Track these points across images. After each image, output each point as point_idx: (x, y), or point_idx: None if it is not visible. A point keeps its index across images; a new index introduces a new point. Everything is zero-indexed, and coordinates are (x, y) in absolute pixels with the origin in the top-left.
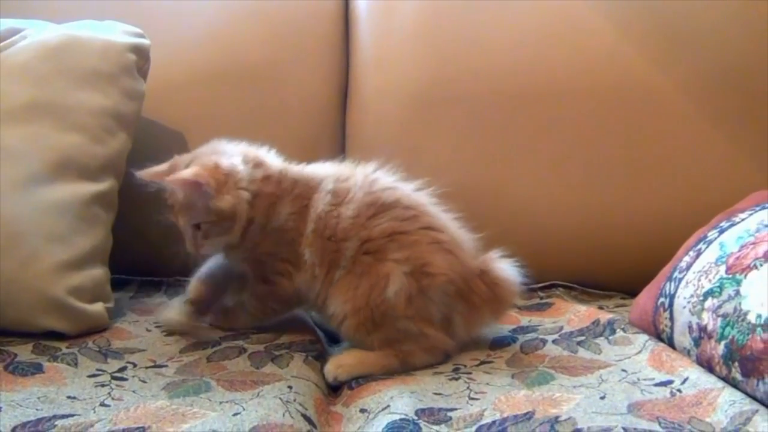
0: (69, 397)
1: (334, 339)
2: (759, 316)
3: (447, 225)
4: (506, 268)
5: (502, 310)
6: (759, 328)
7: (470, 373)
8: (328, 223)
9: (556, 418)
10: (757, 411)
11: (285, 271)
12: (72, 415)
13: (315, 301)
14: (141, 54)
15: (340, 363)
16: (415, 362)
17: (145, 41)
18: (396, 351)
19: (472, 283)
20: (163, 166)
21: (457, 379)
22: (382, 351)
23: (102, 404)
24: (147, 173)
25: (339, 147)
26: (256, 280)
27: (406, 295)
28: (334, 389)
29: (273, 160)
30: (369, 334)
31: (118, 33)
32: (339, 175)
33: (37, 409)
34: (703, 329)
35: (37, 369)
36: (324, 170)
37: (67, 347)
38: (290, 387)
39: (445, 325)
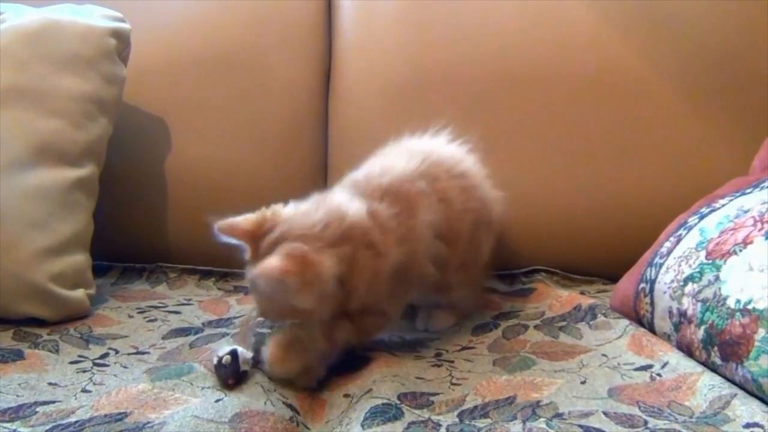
0: (50, 384)
1: None
2: (738, 301)
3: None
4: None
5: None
6: (738, 313)
7: (452, 361)
8: (442, 225)
9: (538, 402)
10: (735, 395)
11: (382, 313)
12: (53, 402)
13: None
14: (121, 38)
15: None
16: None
17: (126, 26)
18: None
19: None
20: (249, 220)
21: (439, 365)
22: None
23: (83, 390)
24: (228, 228)
25: (322, 133)
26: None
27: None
28: None
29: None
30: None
31: (98, 17)
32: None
33: (17, 396)
34: (683, 314)
35: (18, 356)
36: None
37: (48, 334)
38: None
39: (473, 250)
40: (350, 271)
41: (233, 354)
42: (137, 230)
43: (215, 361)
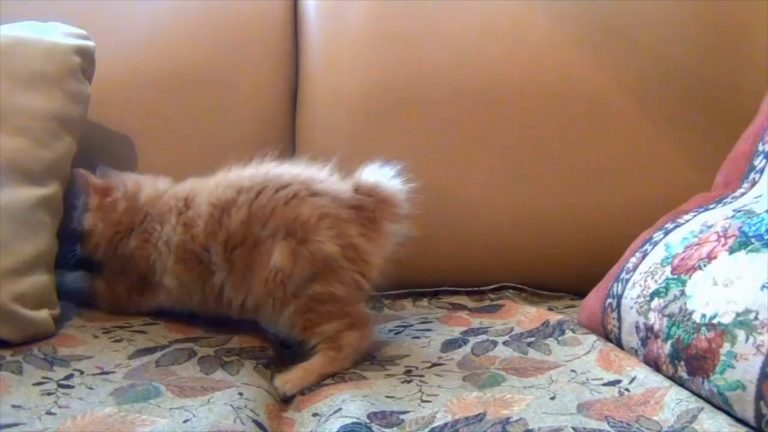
0: (14, 406)
1: (285, 343)
2: (704, 315)
3: (298, 174)
4: (373, 170)
5: (395, 212)
6: (703, 328)
7: (422, 376)
8: (187, 248)
9: (508, 419)
10: (702, 409)
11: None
12: (17, 425)
13: (216, 309)
14: (86, 56)
15: (287, 378)
16: (347, 342)
17: (90, 43)
18: (324, 341)
19: (353, 203)
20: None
21: (409, 381)
22: (319, 353)
23: (48, 413)
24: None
25: (289, 151)
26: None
27: (289, 253)
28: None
29: (155, 187)
30: (285, 309)
31: (62, 35)
32: (186, 202)
33: None
34: (649, 329)
35: None
36: (170, 197)
37: (12, 355)
38: (241, 393)
39: (352, 254)
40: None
41: None
42: None
43: None
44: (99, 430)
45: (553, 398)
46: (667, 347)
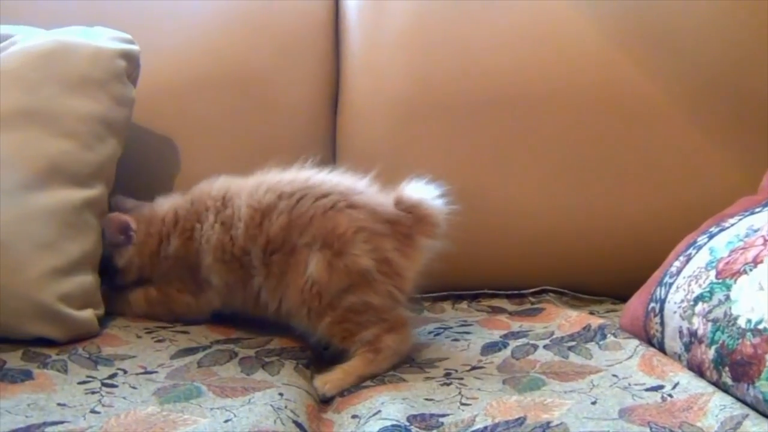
0: (59, 404)
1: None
2: (749, 320)
3: (338, 184)
4: (417, 187)
5: (433, 230)
6: (749, 333)
7: (462, 379)
8: (225, 249)
9: (548, 423)
10: (747, 415)
11: (181, 290)
12: (62, 422)
13: (255, 312)
14: (131, 60)
15: (327, 379)
16: (385, 347)
17: (135, 47)
18: (364, 346)
19: (391, 217)
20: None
21: (448, 384)
22: (357, 356)
23: (92, 411)
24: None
25: (330, 153)
26: (148, 284)
27: (325, 265)
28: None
29: (171, 203)
30: (321, 320)
31: (108, 39)
32: (225, 201)
33: (26, 416)
34: (693, 334)
35: (27, 376)
36: (207, 197)
37: (57, 354)
38: (281, 394)
39: (386, 269)
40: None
41: None
42: None
43: None
44: (142, 428)
45: (594, 403)
46: (711, 353)
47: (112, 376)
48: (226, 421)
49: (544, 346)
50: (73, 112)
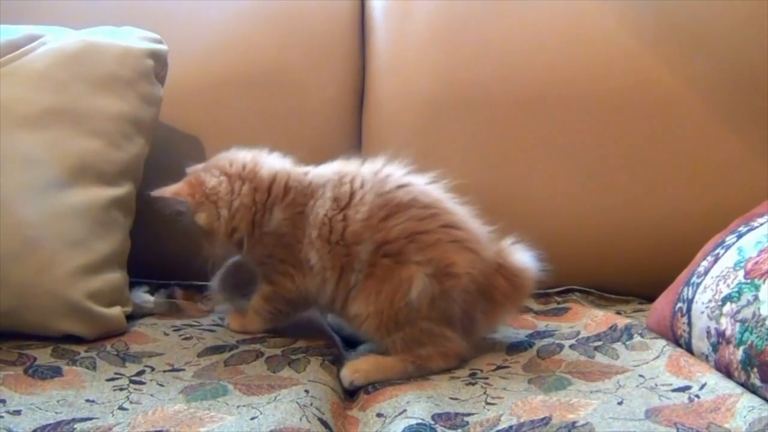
0: (88, 401)
1: (350, 343)
2: None
3: (465, 221)
4: (522, 257)
5: (521, 301)
6: None
7: (487, 378)
8: (335, 228)
9: (574, 423)
10: None
11: (286, 272)
12: (91, 419)
13: (331, 305)
14: (159, 59)
15: (357, 368)
16: (431, 367)
17: (163, 47)
18: (413, 356)
19: (493, 279)
20: (177, 185)
21: (473, 384)
22: (399, 356)
23: (120, 408)
24: (158, 191)
25: (355, 152)
26: (262, 281)
27: (429, 297)
28: (351, 394)
29: (272, 166)
30: (390, 334)
31: (136, 39)
32: (341, 178)
33: (56, 413)
34: (721, 334)
35: (56, 372)
36: (326, 174)
37: (86, 351)
38: (307, 391)
39: (466, 323)
40: (235, 216)
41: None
42: (173, 248)
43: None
44: (169, 425)
45: (620, 403)
46: (740, 353)
47: (140, 373)
48: (252, 419)
49: (570, 346)
50: (102, 112)
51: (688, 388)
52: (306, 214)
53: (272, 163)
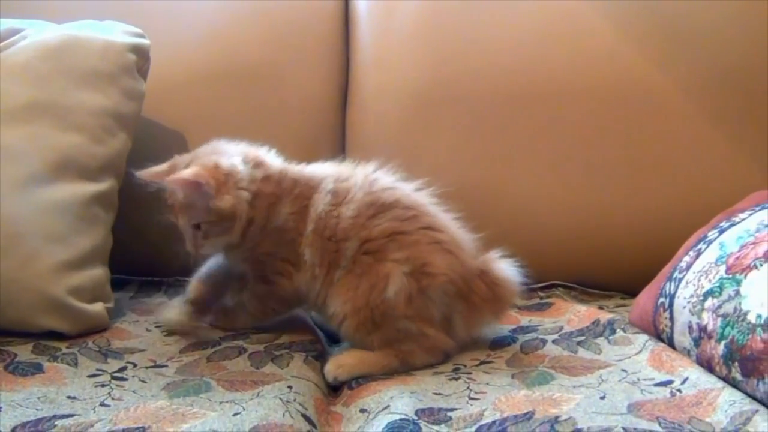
0: (69, 397)
1: (333, 339)
2: (759, 316)
3: (447, 225)
4: (506, 268)
5: (502, 310)
6: (759, 328)
7: (470, 373)
8: (328, 223)
9: (556, 418)
10: (757, 411)
11: (285, 270)
12: (72, 415)
13: (315, 301)
14: (141, 54)
15: (340, 363)
16: (415, 362)
17: (145, 41)
18: (396, 351)
19: (472, 283)
20: (163, 166)
21: (457, 379)
22: (383, 351)
23: (102, 404)
24: (147, 173)
25: (339, 147)
26: (255, 279)
27: (406, 295)
28: (334, 389)
29: (273, 159)
30: (369, 333)
31: (119, 33)
32: (339, 175)
33: (37, 409)
34: (703, 329)
35: (37, 369)
36: (324, 170)
37: (67, 347)
38: (290, 387)
39: (445, 325)
40: (253, 203)
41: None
42: (156, 244)
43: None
44: (151, 422)
45: (603, 398)
46: (721, 348)
47: (122, 369)
48: (234, 415)
49: (553, 341)
50: (83, 106)
51: (670, 382)
52: (309, 208)
53: (270, 156)
